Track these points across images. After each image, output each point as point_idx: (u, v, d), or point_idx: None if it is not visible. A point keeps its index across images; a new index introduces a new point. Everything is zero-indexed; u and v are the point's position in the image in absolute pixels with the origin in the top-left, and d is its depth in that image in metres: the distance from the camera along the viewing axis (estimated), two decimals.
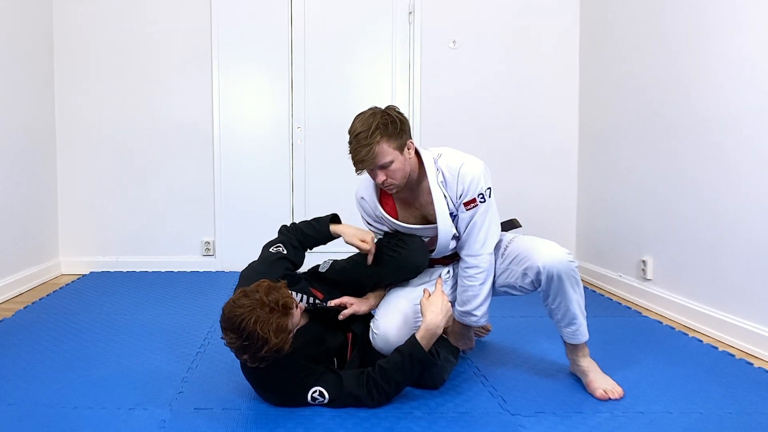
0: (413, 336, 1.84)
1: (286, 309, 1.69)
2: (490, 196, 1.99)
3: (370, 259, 2.02)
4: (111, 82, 3.94)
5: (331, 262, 2.16)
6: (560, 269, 1.89)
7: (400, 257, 2.02)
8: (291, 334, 1.73)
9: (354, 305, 2.05)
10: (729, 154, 2.60)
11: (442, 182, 1.98)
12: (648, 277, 3.19)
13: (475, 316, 2.02)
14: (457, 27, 3.99)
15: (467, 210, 1.97)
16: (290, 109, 4.00)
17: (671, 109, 3.00)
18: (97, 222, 4.01)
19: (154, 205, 4.02)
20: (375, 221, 2.15)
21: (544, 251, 1.92)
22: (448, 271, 2.18)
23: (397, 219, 2.07)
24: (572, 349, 2.06)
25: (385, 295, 2.15)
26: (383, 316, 2.03)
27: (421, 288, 2.11)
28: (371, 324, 2.05)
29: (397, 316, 2.02)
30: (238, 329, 1.65)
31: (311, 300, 2.00)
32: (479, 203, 1.96)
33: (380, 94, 3.97)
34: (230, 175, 4.01)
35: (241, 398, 1.92)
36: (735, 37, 2.57)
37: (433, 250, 2.09)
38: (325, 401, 1.80)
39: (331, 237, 2.08)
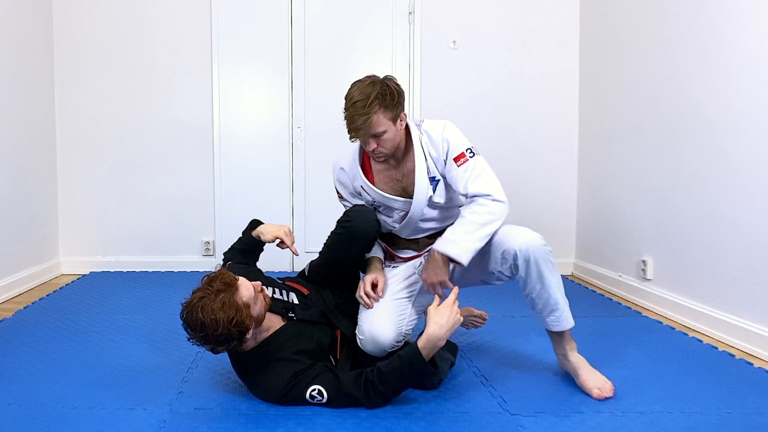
0: (414, 344, 1.82)
1: (227, 285, 1.76)
2: (477, 155, 2.02)
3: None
4: (111, 82, 3.94)
5: (309, 263, 2.27)
6: (536, 252, 1.91)
7: (348, 230, 2.08)
8: (249, 308, 1.77)
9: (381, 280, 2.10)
10: (729, 154, 2.60)
11: (427, 142, 2.03)
12: (648, 277, 3.19)
13: (458, 246, 1.92)
14: (457, 27, 3.99)
15: (459, 165, 2.00)
16: (290, 109, 4.00)
17: (671, 108, 3.00)
18: (97, 222, 4.01)
19: (154, 205, 4.02)
20: (351, 195, 2.19)
21: (518, 236, 1.94)
22: (421, 263, 2.15)
23: (373, 184, 2.10)
24: (559, 341, 2.05)
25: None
26: (366, 320, 2.03)
27: (401, 282, 2.11)
28: (356, 330, 2.05)
29: (380, 317, 2.01)
30: (193, 323, 1.73)
31: (290, 295, 2.05)
32: (469, 158, 2.00)
33: None
34: (230, 175, 4.01)
35: (241, 398, 1.92)
36: (735, 37, 2.57)
37: (407, 236, 2.12)
38: (324, 401, 1.80)
39: (257, 240, 2.22)
